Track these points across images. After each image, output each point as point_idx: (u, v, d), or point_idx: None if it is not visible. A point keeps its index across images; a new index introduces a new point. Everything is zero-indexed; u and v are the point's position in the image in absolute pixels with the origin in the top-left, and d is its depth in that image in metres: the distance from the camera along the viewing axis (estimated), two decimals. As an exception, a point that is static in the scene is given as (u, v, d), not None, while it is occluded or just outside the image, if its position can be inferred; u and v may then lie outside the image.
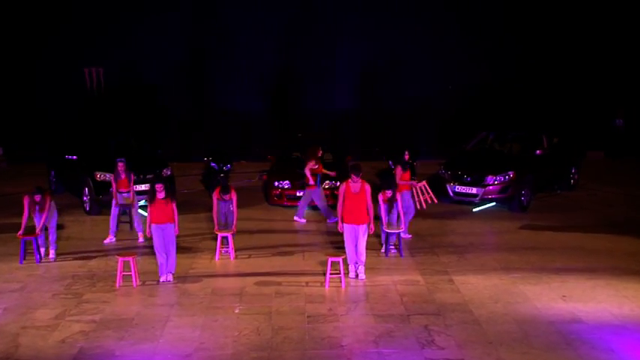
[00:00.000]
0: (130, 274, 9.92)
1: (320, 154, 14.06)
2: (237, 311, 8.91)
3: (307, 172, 13.69)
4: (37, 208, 11.01)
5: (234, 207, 11.52)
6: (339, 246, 12.06)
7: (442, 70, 23.43)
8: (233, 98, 23.69)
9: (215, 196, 11.49)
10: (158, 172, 14.63)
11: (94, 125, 19.53)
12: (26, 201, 10.95)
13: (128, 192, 12.61)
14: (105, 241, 12.37)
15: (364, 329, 8.31)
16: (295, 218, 14.04)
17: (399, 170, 12.57)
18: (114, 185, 12.62)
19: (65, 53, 22.33)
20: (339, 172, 15.59)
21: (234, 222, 11.51)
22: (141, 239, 12.45)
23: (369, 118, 23.58)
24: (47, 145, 17.65)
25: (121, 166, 12.58)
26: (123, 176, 12.55)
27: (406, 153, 13.59)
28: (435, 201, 13.15)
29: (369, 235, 10.29)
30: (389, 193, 11.27)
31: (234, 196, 11.49)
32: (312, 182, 13.69)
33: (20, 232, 10.96)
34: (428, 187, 12.97)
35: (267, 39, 23.42)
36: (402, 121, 23.24)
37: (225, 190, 11.43)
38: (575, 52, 22.84)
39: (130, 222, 12.76)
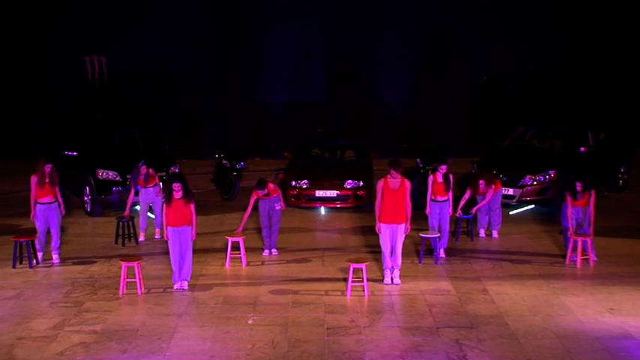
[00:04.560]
0: (135, 281, 9.96)
1: None
2: (250, 322, 8.93)
3: None
4: (47, 182, 11.12)
5: (280, 201, 11.68)
6: (361, 250, 12.09)
7: (475, 59, 23.33)
8: (252, 90, 23.78)
9: (254, 196, 11.60)
10: (166, 169, 14.75)
11: (95, 119, 19.67)
12: (33, 181, 11.12)
13: (155, 186, 12.82)
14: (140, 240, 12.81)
15: (389, 343, 8.29)
16: None
17: (569, 200, 11.29)
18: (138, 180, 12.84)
19: (65, 41, 22.53)
20: (361, 171, 15.57)
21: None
22: (157, 235, 12.85)
23: (395, 111, 23.55)
24: (44, 141, 17.78)
25: (143, 169, 12.76)
26: (142, 177, 12.77)
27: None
28: (595, 258, 11.39)
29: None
30: (443, 168, 11.43)
31: (278, 190, 11.71)
32: None
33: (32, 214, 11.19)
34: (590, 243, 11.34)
35: (293, 26, 23.57)
36: (431, 115, 23.18)
37: (261, 185, 11.45)
38: (623, 40, 22.70)
39: (136, 236, 12.69)
